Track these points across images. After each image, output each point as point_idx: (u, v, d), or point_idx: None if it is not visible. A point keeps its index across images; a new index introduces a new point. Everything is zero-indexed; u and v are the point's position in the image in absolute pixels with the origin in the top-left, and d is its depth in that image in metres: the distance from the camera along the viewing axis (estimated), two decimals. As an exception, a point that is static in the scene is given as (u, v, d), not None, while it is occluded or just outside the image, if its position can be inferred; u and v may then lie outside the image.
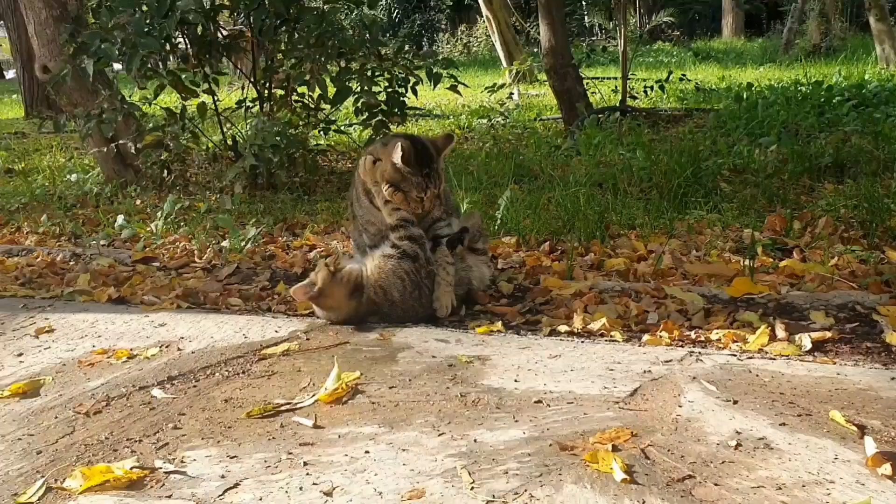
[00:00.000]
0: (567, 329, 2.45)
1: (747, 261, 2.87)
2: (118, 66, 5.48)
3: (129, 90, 6.15)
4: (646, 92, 7.98)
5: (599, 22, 14.91)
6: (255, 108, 5.43)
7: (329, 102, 5.20)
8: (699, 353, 2.16)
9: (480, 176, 4.89)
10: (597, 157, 5.24)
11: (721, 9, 21.75)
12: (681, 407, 1.83)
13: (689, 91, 9.00)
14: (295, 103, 5.42)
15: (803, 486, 1.48)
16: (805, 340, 2.21)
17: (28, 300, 3.05)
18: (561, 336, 2.41)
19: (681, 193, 3.98)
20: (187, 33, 4.94)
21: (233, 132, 5.43)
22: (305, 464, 1.67)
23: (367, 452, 1.70)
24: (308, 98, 5.43)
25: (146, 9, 4.68)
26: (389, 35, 23.59)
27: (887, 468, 1.51)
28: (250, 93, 5.52)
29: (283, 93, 5.37)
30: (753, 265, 2.82)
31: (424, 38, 25.01)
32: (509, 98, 9.66)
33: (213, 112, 5.28)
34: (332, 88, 5.05)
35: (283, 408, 1.94)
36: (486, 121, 8.12)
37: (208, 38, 4.96)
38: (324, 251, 3.55)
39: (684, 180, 4.10)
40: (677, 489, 1.50)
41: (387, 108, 5.36)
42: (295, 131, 5.19)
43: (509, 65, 11.65)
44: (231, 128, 5.50)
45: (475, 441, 1.72)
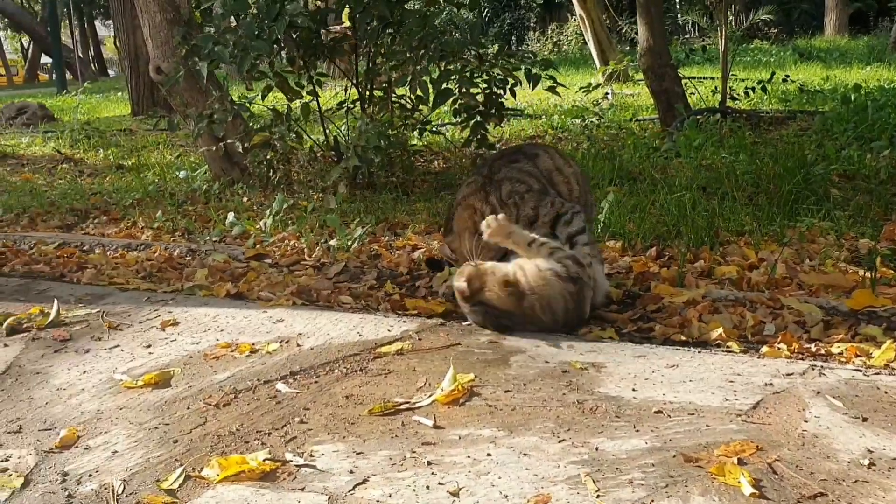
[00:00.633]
0: (682, 338, 2.43)
1: (866, 272, 2.78)
2: (224, 67, 5.66)
3: (238, 90, 6.36)
4: (747, 93, 7.77)
5: (694, 20, 14.57)
6: (355, 109, 5.54)
7: (427, 104, 5.26)
8: (822, 366, 2.12)
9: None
10: (698, 159, 5.15)
11: (823, 6, 20.97)
12: (806, 422, 1.80)
13: (792, 92, 8.72)
14: (393, 104, 5.50)
15: (945, 510, 1.44)
16: (934, 358, 2.14)
17: (151, 293, 3.20)
18: (676, 345, 2.39)
19: (791, 200, 3.87)
20: (296, 36, 5.08)
21: (333, 132, 5.56)
22: (429, 463, 1.71)
23: (489, 455, 1.73)
24: (406, 99, 5.50)
25: (256, 12, 4.84)
26: (480, 34, 23.63)
27: None
28: (351, 94, 5.63)
29: (384, 94, 5.46)
30: (874, 276, 2.73)
31: (514, 37, 24.96)
32: (604, 98, 9.55)
33: (315, 113, 5.41)
34: (432, 90, 5.11)
35: (402, 406, 1.99)
36: (580, 121, 8.06)
37: (314, 41, 5.08)
38: (426, 251, 3.60)
39: (794, 186, 3.98)
40: (811, 507, 1.48)
41: (484, 109, 5.39)
42: (394, 132, 5.27)
43: (602, 63, 11.53)
44: (331, 128, 5.63)
45: (596, 449, 1.73)
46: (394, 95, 5.48)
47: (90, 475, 1.76)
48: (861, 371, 2.08)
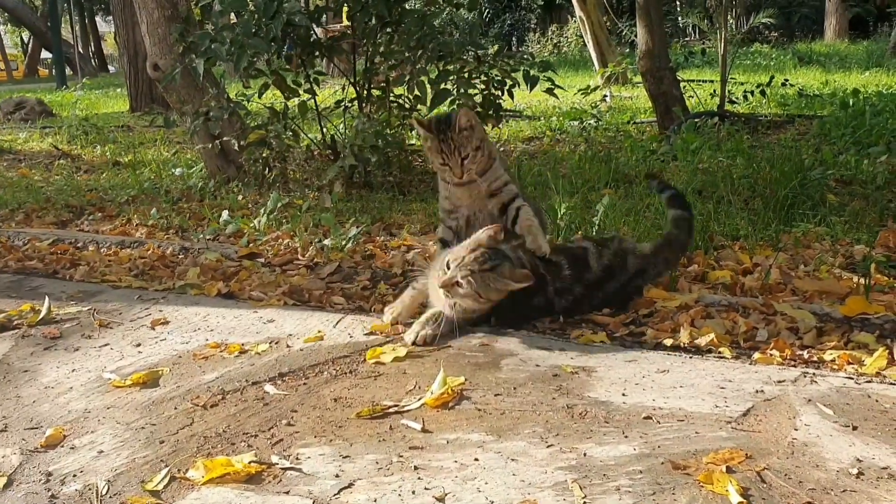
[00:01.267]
0: (673, 343, 2.42)
1: (861, 278, 2.77)
2: (221, 65, 5.64)
3: (235, 88, 6.34)
4: (745, 97, 7.76)
5: (695, 23, 14.57)
6: (353, 108, 5.52)
7: (425, 103, 5.25)
8: (813, 374, 2.11)
9: (574, 179, 4.86)
10: (695, 163, 5.14)
11: (823, 10, 20.98)
12: (797, 430, 1.79)
13: (791, 96, 8.71)
14: (391, 104, 5.49)
15: (933, 521, 1.43)
16: (927, 366, 2.13)
17: (142, 291, 3.19)
18: (667, 350, 2.37)
19: (787, 204, 3.86)
20: (292, 34, 5.06)
21: (331, 131, 5.54)
22: (416, 468, 1.70)
23: (477, 460, 1.72)
24: (404, 99, 5.49)
25: (253, 10, 4.82)
26: (479, 35, 23.63)
27: None
28: (349, 93, 5.61)
29: (382, 94, 5.44)
30: (868, 283, 2.72)
31: (514, 38, 24.95)
32: (602, 100, 9.54)
33: (313, 111, 5.39)
34: (430, 90, 5.10)
35: (391, 410, 1.98)
36: (577, 123, 8.05)
37: (312, 39, 5.07)
38: (421, 252, 3.59)
39: (790, 191, 3.97)
40: (798, 517, 1.46)
41: (482, 110, 5.37)
42: (392, 132, 5.25)
43: (601, 65, 11.52)
44: (329, 127, 5.61)
45: (585, 455, 1.72)
46: (392, 95, 5.46)
47: (75, 475, 1.74)
48: (853, 379, 2.07)
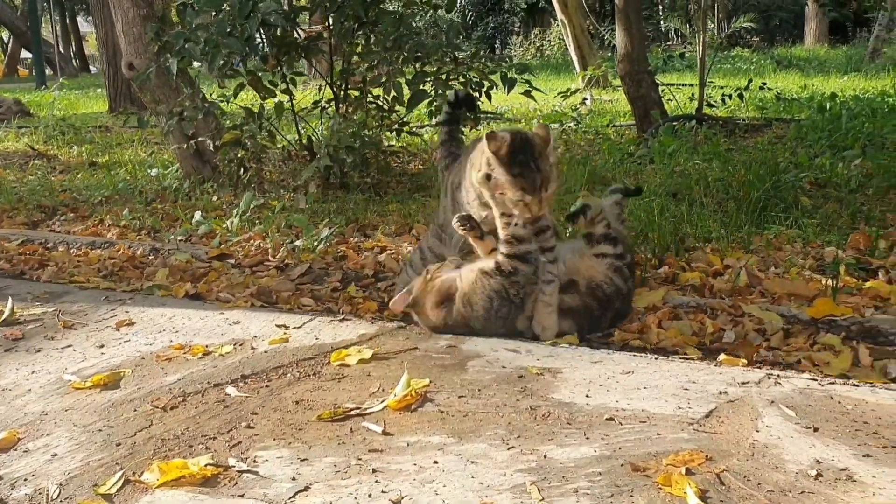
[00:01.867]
0: (640, 344, 2.41)
1: (829, 280, 2.78)
2: (197, 65, 5.60)
3: (209, 88, 6.31)
4: (724, 100, 7.80)
5: (676, 27, 14.66)
6: (330, 108, 5.49)
7: (403, 104, 5.24)
8: (778, 375, 2.10)
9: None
10: (671, 165, 5.14)
11: (804, 15, 21.14)
12: (758, 432, 1.78)
13: (769, 100, 8.76)
14: (369, 105, 5.47)
15: (889, 523, 1.43)
16: (891, 367, 2.14)
17: (110, 292, 3.15)
18: (634, 351, 2.37)
19: (759, 207, 3.87)
20: (268, 34, 5.03)
21: (308, 132, 5.51)
22: (374, 471, 1.68)
23: (436, 463, 1.70)
24: (382, 100, 5.47)
25: (229, 9, 4.78)
26: (463, 38, 23.64)
27: (981, 510, 1.44)
28: (326, 93, 5.59)
29: (359, 94, 5.42)
30: (836, 285, 2.73)
31: (497, 41, 24.99)
32: (582, 103, 9.56)
33: (290, 111, 5.36)
34: (408, 91, 5.09)
35: (352, 412, 1.96)
36: (557, 125, 8.05)
37: (288, 40, 5.04)
38: (395, 253, 3.57)
39: (763, 193, 3.98)
40: (754, 519, 1.45)
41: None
42: (369, 132, 5.23)
43: (583, 69, 11.55)
44: (306, 127, 5.59)
45: (545, 457, 1.70)
46: (370, 96, 5.44)
47: (26, 479, 1.71)
48: (817, 380, 2.07)
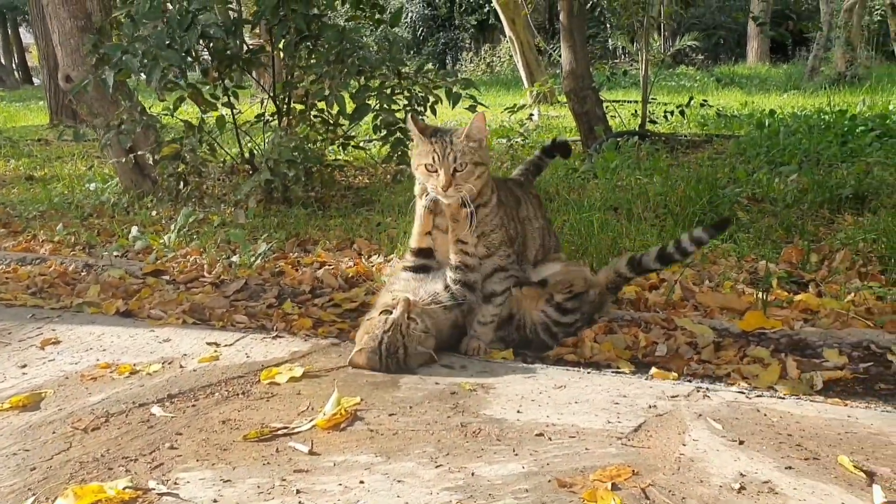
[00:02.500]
0: (575, 358, 2.41)
1: (761, 294, 2.82)
2: (142, 77, 5.52)
3: (151, 101, 6.20)
4: (666, 117, 7.94)
5: (623, 45, 14.91)
6: (273, 122, 5.44)
7: (348, 118, 5.21)
8: (707, 388, 2.12)
9: (496, 197, 4.86)
10: (613, 181, 5.20)
11: (746, 34, 21.68)
12: (685, 445, 1.79)
13: (711, 117, 8.93)
14: (314, 118, 5.43)
15: (807, 535, 1.44)
16: (817, 379, 2.17)
17: (37, 310, 3.05)
18: (568, 365, 2.37)
19: (696, 221, 3.93)
20: (209, 47, 4.97)
21: (251, 146, 5.45)
22: (298, 491, 1.64)
23: (362, 483, 1.67)
24: (327, 113, 5.44)
25: (168, 21, 4.71)
26: (413, 53, 23.72)
27: (895, 520, 1.46)
28: (269, 107, 5.54)
29: (303, 108, 5.38)
30: (767, 298, 2.77)
31: (448, 57, 25.11)
32: (529, 119, 9.63)
33: (233, 125, 5.30)
34: (351, 105, 5.07)
35: (279, 432, 1.92)
36: (505, 141, 8.10)
37: (229, 52, 4.98)
38: (334, 269, 3.53)
39: (700, 208, 4.05)
40: (676, 534, 1.45)
41: (405, 126, 5.36)
42: (313, 146, 5.19)
43: (530, 85, 11.66)
44: (249, 141, 5.52)
45: (472, 474, 1.68)
46: (315, 109, 5.41)
47: (-70, 507, 1.63)
48: (744, 393, 2.09)
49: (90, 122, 5.34)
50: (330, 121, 5.48)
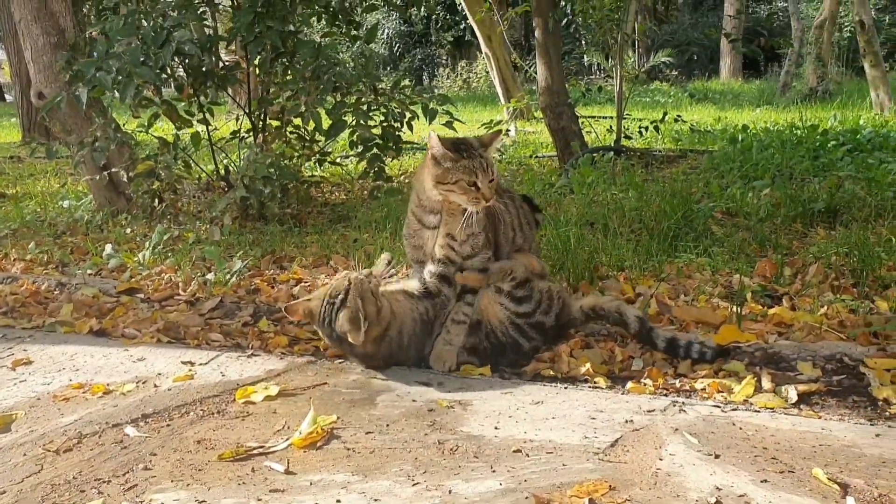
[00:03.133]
0: (552, 373, 2.42)
1: (736, 307, 2.84)
2: (116, 93, 5.49)
3: (125, 118, 6.16)
4: (641, 132, 8.01)
5: (598, 61, 15.06)
6: (249, 138, 5.42)
7: (324, 135, 5.21)
8: (683, 402, 2.13)
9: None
10: (589, 196, 5.23)
11: (719, 50, 21.97)
12: (661, 460, 1.79)
13: (685, 132, 9.02)
14: (290, 135, 5.42)
15: (783, 548, 1.45)
16: (791, 392, 2.18)
17: (8, 330, 3.01)
18: (545, 381, 2.37)
19: (671, 236, 3.96)
20: (184, 64, 4.95)
21: (226, 162, 5.42)
22: (274, 511, 1.63)
23: (338, 501, 1.66)
24: (303, 130, 5.43)
25: (143, 38, 4.69)
26: (390, 69, 23.79)
27: (869, 532, 1.47)
28: (245, 124, 5.52)
29: (279, 124, 5.37)
30: (741, 312, 2.79)
31: (425, 73, 25.21)
32: (506, 134, 9.67)
33: (208, 142, 5.28)
34: (328, 121, 5.06)
35: (255, 451, 1.90)
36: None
37: (204, 69, 4.97)
38: (310, 286, 3.51)
39: (675, 223, 4.08)
40: (653, 549, 1.46)
41: (382, 142, 5.36)
42: (289, 162, 5.18)
43: (507, 101, 11.71)
44: (225, 158, 5.50)
45: (450, 492, 1.68)
46: (290, 126, 5.40)
47: None
48: (720, 407, 2.10)
49: (63, 139, 5.29)
50: (306, 137, 5.47)
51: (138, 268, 3.87)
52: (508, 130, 9.81)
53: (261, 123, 5.32)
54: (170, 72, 4.85)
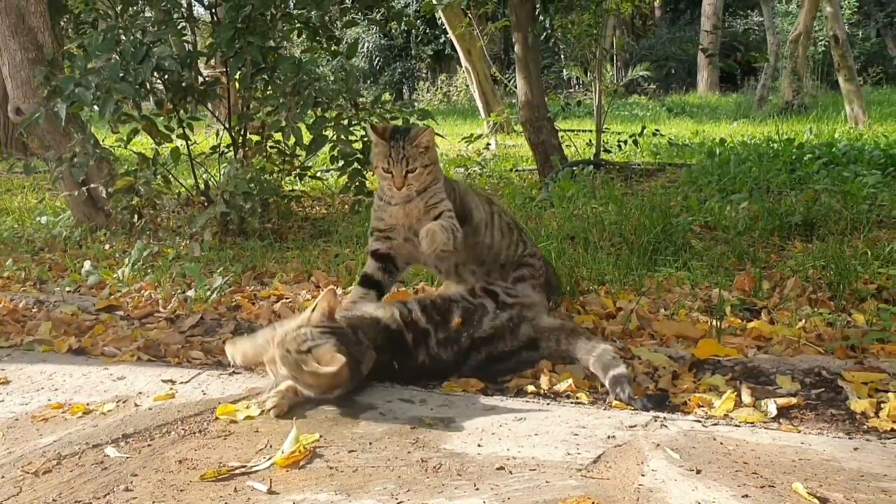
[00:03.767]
0: (534, 389, 2.42)
1: (715, 321, 2.87)
2: (95, 109, 5.47)
3: (104, 133, 6.14)
4: (620, 146, 8.08)
5: (577, 75, 15.17)
6: (229, 153, 5.42)
7: (305, 149, 5.21)
8: (664, 418, 2.14)
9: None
10: (570, 209, 5.26)
11: (696, 64, 22.21)
12: (644, 476, 1.80)
13: (663, 146, 9.11)
14: (270, 149, 5.42)
15: (764, 563, 1.46)
16: (770, 407, 2.20)
17: (-15, 349, 2.98)
18: (527, 397, 2.38)
19: (651, 249, 3.99)
20: (163, 79, 4.94)
21: (206, 178, 5.41)
22: (257, 532, 1.62)
23: (322, 521, 1.65)
24: (284, 144, 5.43)
25: (122, 54, 4.68)
26: (370, 82, 23.83)
27: (849, 546, 1.48)
28: (225, 138, 5.51)
29: (259, 139, 5.37)
30: (720, 326, 2.82)
31: (405, 87, 25.28)
32: (487, 148, 9.73)
33: (188, 157, 5.26)
34: (308, 136, 5.07)
35: (237, 471, 1.89)
36: (463, 170, 8.17)
37: (184, 84, 4.96)
38: (292, 302, 3.50)
39: (654, 236, 4.11)
40: (637, 566, 1.46)
41: (363, 157, 5.37)
42: (269, 177, 5.17)
43: (487, 115, 11.79)
44: (205, 173, 5.48)
45: (433, 510, 1.68)
46: (271, 140, 5.40)
47: None
48: (701, 422, 2.12)
49: (41, 154, 5.26)
50: (286, 152, 5.47)
51: (118, 285, 3.84)
52: (489, 144, 9.86)
53: (241, 138, 5.32)
54: (149, 87, 4.83)
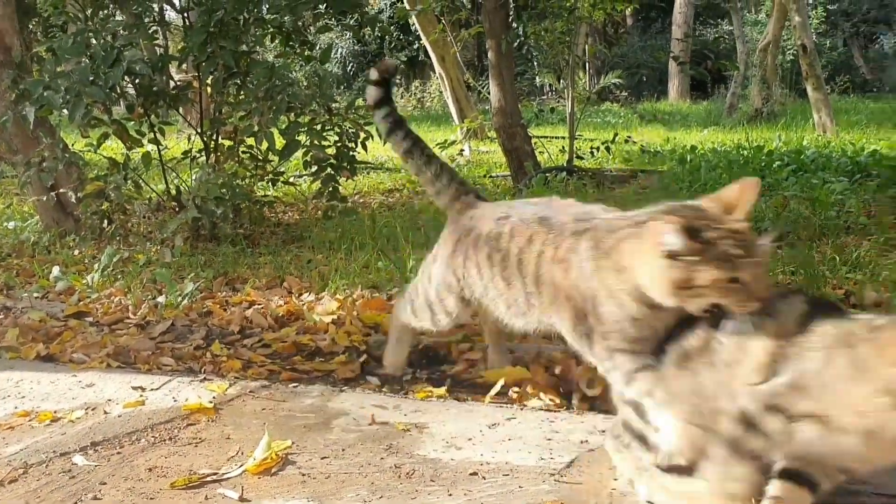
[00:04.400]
0: (509, 394, 2.42)
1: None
2: (65, 113, 5.40)
3: (74, 137, 6.06)
4: (592, 152, 8.13)
5: (550, 82, 15.24)
6: (201, 158, 5.37)
7: (278, 155, 5.18)
8: (637, 422, 2.15)
9: (429, 231, 4.88)
10: (543, 216, 5.27)
11: (668, 72, 22.43)
12: (616, 479, 1.81)
13: (635, 152, 9.18)
14: (243, 154, 5.38)
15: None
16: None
17: (-50, 356, 2.92)
18: (502, 402, 2.38)
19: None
20: (135, 83, 4.89)
21: (177, 183, 5.36)
22: (229, 540, 1.60)
23: (295, 528, 1.64)
24: (256, 150, 5.39)
25: (93, 57, 4.63)
26: (344, 88, 23.76)
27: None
28: (197, 143, 5.46)
29: (231, 144, 5.32)
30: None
31: (379, 92, 25.20)
32: (461, 154, 9.74)
33: (159, 162, 5.21)
34: (281, 141, 5.04)
35: (208, 478, 1.87)
36: (436, 176, 8.14)
37: (155, 88, 4.91)
38: (264, 308, 3.48)
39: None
40: (610, 570, 1.47)
41: (336, 162, 5.35)
42: (242, 182, 5.13)
43: (461, 121, 11.80)
44: (176, 178, 5.43)
45: (407, 516, 1.67)
46: (244, 146, 5.36)
47: None
48: (673, 426, 2.12)
49: (9, 159, 5.18)
50: (259, 157, 5.43)
51: (87, 290, 3.79)
52: (463, 150, 9.88)
53: (213, 143, 5.27)
54: (120, 91, 4.78)
